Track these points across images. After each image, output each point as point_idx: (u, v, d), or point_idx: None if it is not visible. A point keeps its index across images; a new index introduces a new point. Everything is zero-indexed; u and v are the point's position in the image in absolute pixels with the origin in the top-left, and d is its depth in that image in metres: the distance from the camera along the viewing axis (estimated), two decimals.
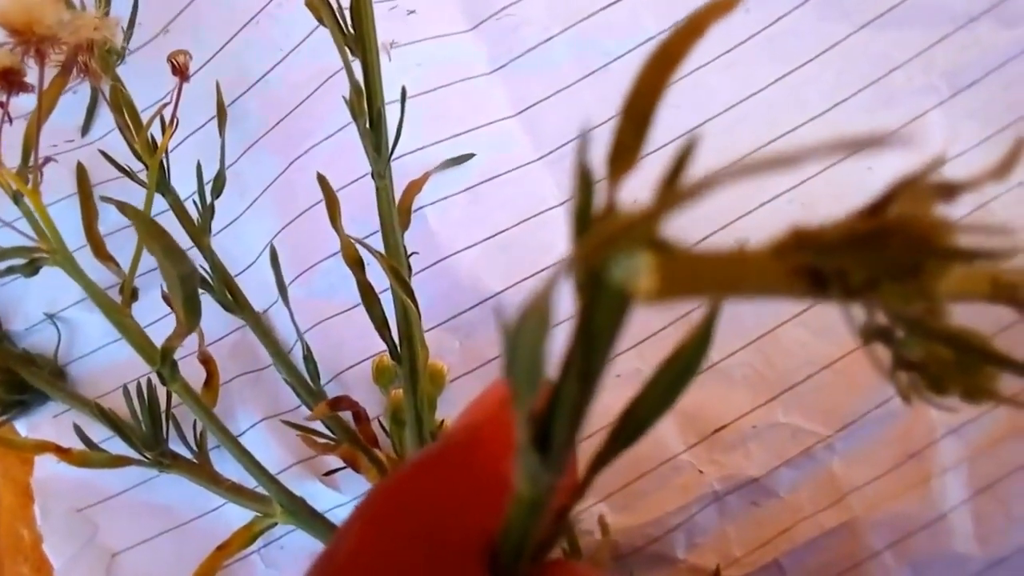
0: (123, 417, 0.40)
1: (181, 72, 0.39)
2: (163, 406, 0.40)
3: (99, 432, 0.41)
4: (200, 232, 0.42)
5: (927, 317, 0.13)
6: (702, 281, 0.11)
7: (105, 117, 0.47)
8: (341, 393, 0.43)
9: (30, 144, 0.35)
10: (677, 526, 0.41)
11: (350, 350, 0.44)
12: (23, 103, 0.34)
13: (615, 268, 0.11)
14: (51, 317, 0.46)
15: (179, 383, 0.37)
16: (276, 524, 0.40)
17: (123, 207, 0.37)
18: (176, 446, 0.41)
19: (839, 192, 0.42)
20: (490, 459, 0.18)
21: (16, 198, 0.35)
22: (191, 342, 0.38)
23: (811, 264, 0.12)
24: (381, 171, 0.35)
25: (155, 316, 0.44)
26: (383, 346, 0.39)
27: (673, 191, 0.11)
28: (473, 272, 0.43)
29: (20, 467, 0.45)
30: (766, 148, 0.43)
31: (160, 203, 0.42)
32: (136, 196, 0.42)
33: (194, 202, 0.43)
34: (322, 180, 0.39)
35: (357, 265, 0.38)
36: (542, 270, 0.43)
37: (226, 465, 0.41)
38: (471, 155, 0.43)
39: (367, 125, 0.34)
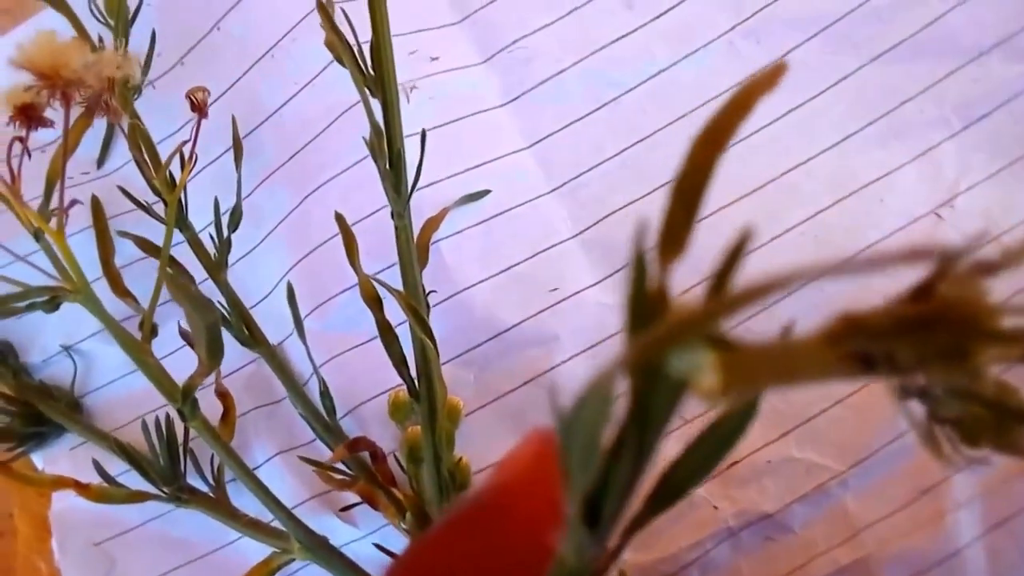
0: (140, 449, 0.40)
1: (200, 109, 0.39)
2: (180, 440, 0.40)
3: (116, 464, 0.41)
4: (216, 267, 0.42)
5: (969, 383, 0.14)
6: (761, 375, 0.11)
7: (121, 148, 0.47)
8: (356, 427, 0.43)
9: (52, 183, 0.35)
10: (692, 562, 0.41)
11: (365, 384, 0.43)
12: (39, 136, 0.34)
13: (675, 362, 0.11)
14: (67, 349, 0.46)
15: (199, 420, 0.37)
16: (294, 560, 0.40)
17: (146, 248, 0.37)
18: (193, 479, 0.41)
19: (852, 224, 0.42)
20: (522, 520, 0.18)
21: (37, 235, 0.35)
22: None
23: (860, 349, 0.12)
24: (400, 211, 0.35)
25: (171, 348, 0.44)
26: (399, 380, 0.39)
27: (729, 294, 0.11)
28: (487, 306, 0.43)
29: (37, 499, 0.45)
30: (778, 180, 0.43)
31: (176, 235, 0.42)
32: (151, 227, 0.42)
33: (210, 235, 0.43)
34: (340, 219, 0.39)
35: (375, 303, 0.38)
36: (556, 303, 0.43)
37: (242, 498, 0.41)
38: (487, 191, 0.43)
39: (387, 166, 0.34)
